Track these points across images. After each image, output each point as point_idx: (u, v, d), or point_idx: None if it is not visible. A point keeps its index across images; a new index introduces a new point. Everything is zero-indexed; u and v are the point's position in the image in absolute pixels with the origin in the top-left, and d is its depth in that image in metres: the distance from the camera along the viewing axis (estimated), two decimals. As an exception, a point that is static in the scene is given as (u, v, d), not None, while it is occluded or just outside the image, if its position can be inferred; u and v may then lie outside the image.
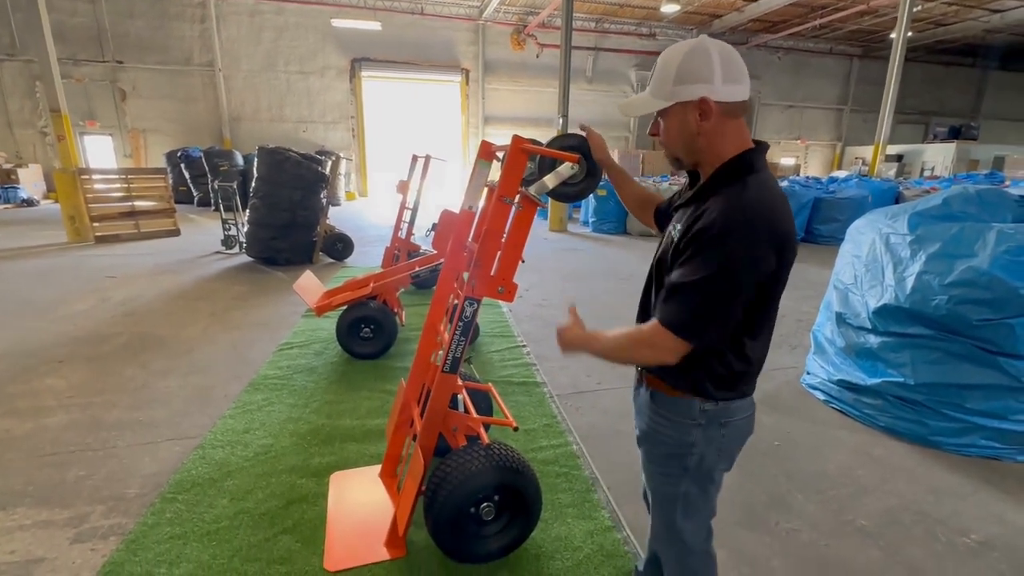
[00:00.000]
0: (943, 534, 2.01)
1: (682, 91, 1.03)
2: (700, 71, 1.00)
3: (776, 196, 1.02)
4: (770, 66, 18.39)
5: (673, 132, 1.09)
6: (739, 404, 1.15)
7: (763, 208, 0.98)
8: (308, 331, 4.09)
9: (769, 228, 0.97)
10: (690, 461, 1.18)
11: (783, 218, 1.00)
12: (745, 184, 1.01)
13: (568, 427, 2.74)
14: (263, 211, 6.40)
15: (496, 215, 1.66)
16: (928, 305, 2.44)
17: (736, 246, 0.95)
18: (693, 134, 1.06)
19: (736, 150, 1.05)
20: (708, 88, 1.00)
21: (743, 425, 1.18)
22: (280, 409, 2.84)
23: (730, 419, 1.15)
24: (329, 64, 15.18)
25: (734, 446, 1.20)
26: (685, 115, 1.05)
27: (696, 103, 1.02)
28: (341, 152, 14.82)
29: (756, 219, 0.97)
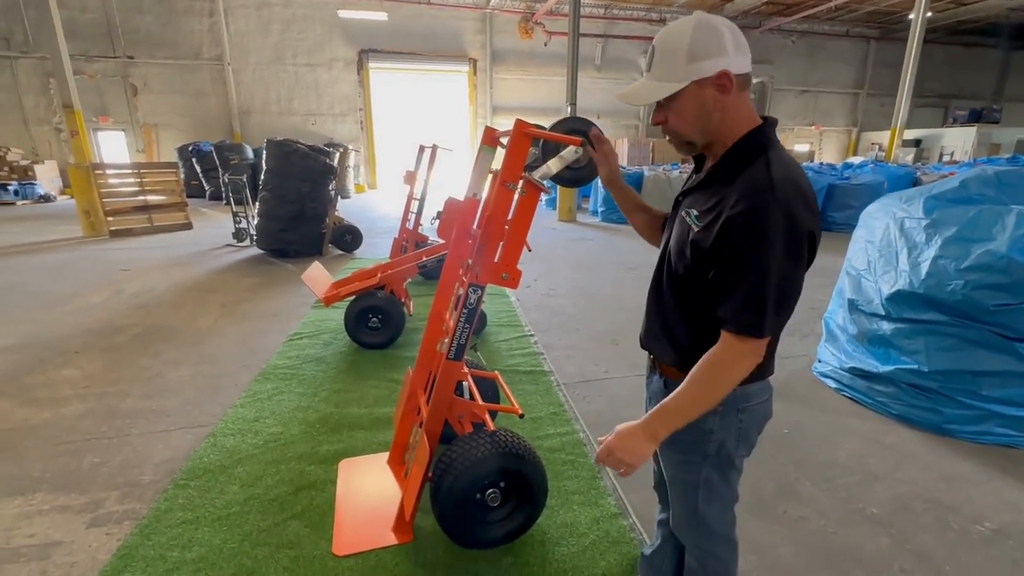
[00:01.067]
0: (955, 522, 1.98)
1: (698, 68, 0.96)
2: (714, 45, 0.95)
3: (798, 169, 0.99)
4: (784, 50, 18.02)
5: (688, 114, 1.02)
6: (756, 388, 1.11)
7: (794, 184, 0.94)
8: (317, 322, 4.13)
9: (805, 202, 0.94)
10: (709, 448, 1.14)
11: (811, 190, 0.98)
12: (768, 161, 0.96)
13: (575, 415, 2.73)
14: (272, 203, 6.44)
15: (499, 201, 1.65)
16: (943, 290, 2.39)
17: (784, 227, 0.91)
18: (709, 112, 1.00)
19: (749, 125, 1.01)
20: (726, 61, 0.95)
21: (761, 409, 1.14)
22: (289, 398, 2.87)
23: (747, 404, 1.10)
24: (336, 56, 15.17)
25: (752, 431, 1.16)
26: (701, 93, 0.98)
27: (713, 78, 0.96)
28: (350, 144, 14.86)
29: (793, 196, 0.93)
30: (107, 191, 8.16)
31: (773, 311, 0.94)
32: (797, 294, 0.97)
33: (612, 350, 3.65)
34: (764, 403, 1.15)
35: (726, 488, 1.20)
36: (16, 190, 12.11)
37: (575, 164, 1.65)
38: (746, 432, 1.14)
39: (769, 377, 1.13)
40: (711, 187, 1.03)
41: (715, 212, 0.98)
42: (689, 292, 1.08)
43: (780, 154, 0.99)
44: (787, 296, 0.95)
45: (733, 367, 0.99)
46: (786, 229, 0.91)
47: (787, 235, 0.91)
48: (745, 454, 1.18)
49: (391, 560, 1.74)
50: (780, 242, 0.91)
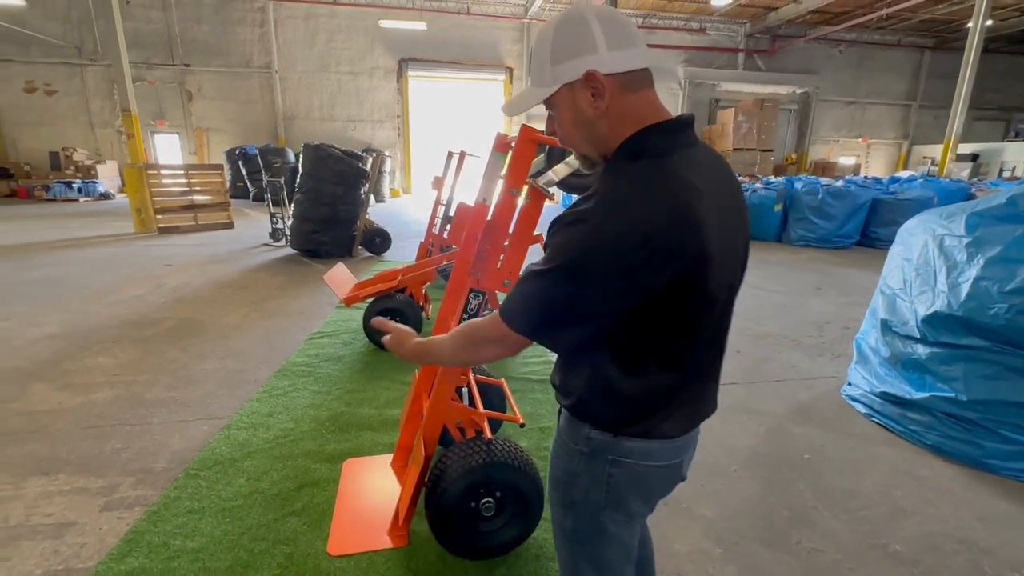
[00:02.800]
0: (990, 566, 1.82)
1: (563, 71, 0.84)
2: (578, 42, 0.82)
3: (669, 190, 0.77)
4: (830, 60, 17.40)
5: (567, 123, 0.89)
6: (641, 446, 0.91)
7: (622, 203, 0.77)
8: (339, 322, 4.21)
9: (627, 225, 0.75)
10: (575, 493, 0.98)
11: (655, 218, 0.75)
12: (632, 170, 0.81)
13: (584, 427, 2.67)
14: (307, 205, 6.65)
15: (503, 207, 1.64)
16: (985, 314, 2.22)
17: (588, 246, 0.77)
18: (591, 120, 0.85)
19: (633, 131, 0.84)
20: (593, 59, 0.81)
21: (643, 473, 0.94)
22: (304, 395, 2.93)
23: (623, 459, 0.92)
24: (377, 65, 15.61)
25: (628, 495, 0.96)
26: (575, 99, 0.85)
27: (582, 81, 0.82)
28: (386, 150, 15.22)
29: (611, 214, 0.77)
30: (158, 190, 8.62)
31: (522, 307, 0.85)
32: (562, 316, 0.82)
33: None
34: (653, 469, 0.94)
35: (598, 554, 1.01)
36: (80, 187, 12.96)
37: (581, 171, 1.63)
38: (616, 491, 0.95)
39: (660, 443, 0.92)
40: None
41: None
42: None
43: (653, 167, 0.80)
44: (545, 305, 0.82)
45: (478, 337, 0.92)
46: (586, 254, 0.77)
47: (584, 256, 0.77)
48: (622, 521, 0.98)
49: (383, 564, 1.73)
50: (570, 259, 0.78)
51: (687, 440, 0.96)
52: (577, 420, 0.96)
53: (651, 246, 0.75)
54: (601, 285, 0.78)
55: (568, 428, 0.98)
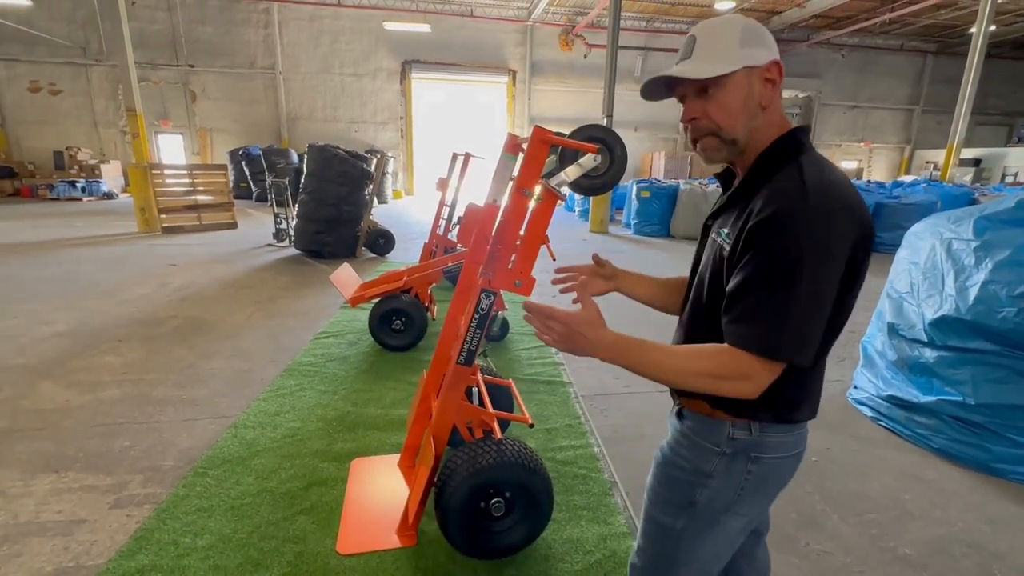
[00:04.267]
0: (1000, 570, 1.82)
1: (751, 54, 0.87)
2: (763, 37, 0.88)
3: (840, 175, 0.86)
4: (833, 64, 17.43)
5: (735, 105, 0.89)
6: (779, 436, 0.92)
7: (833, 189, 0.81)
8: (344, 322, 4.22)
9: (848, 210, 0.81)
10: (699, 495, 0.96)
11: (857, 197, 0.83)
12: (801, 166, 0.85)
13: (591, 428, 2.68)
14: (311, 206, 6.67)
15: (514, 207, 1.65)
16: (994, 318, 2.22)
17: (818, 236, 0.78)
18: (758, 107, 0.89)
19: (780, 131, 0.92)
20: (771, 54, 0.88)
21: (781, 466, 0.95)
22: (310, 395, 2.93)
23: (763, 455, 0.92)
24: (381, 66, 15.66)
25: (762, 491, 0.96)
26: (751, 84, 0.88)
27: (763, 69, 0.88)
28: (389, 151, 15.26)
29: (831, 203, 0.80)
30: (161, 190, 8.64)
31: (795, 331, 0.79)
32: (818, 321, 0.81)
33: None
34: (787, 460, 0.95)
35: (706, 552, 1.00)
36: (83, 187, 13.00)
37: (592, 172, 1.63)
38: (753, 489, 0.95)
39: (795, 432, 0.94)
40: (740, 201, 0.92)
41: (742, 223, 0.86)
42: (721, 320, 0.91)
43: (816, 159, 0.87)
44: (812, 317, 0.80)
45: (720, 378, 0.83)
46: (820, 239, 0.78)
47: (821, 247, 0.78)
48: (745, 518, 0.98)
49: (392, 563, 1.73)
50: (810, 252, 0.78)
51: (807, 430, 0.98)
52: (719, 419, 0.94)
53: (858, 225, 0.81)
54: (838, 270, 0.81)
55: (701, 429, 0.97)
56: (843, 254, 0.80)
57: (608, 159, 1.63)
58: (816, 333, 0.82)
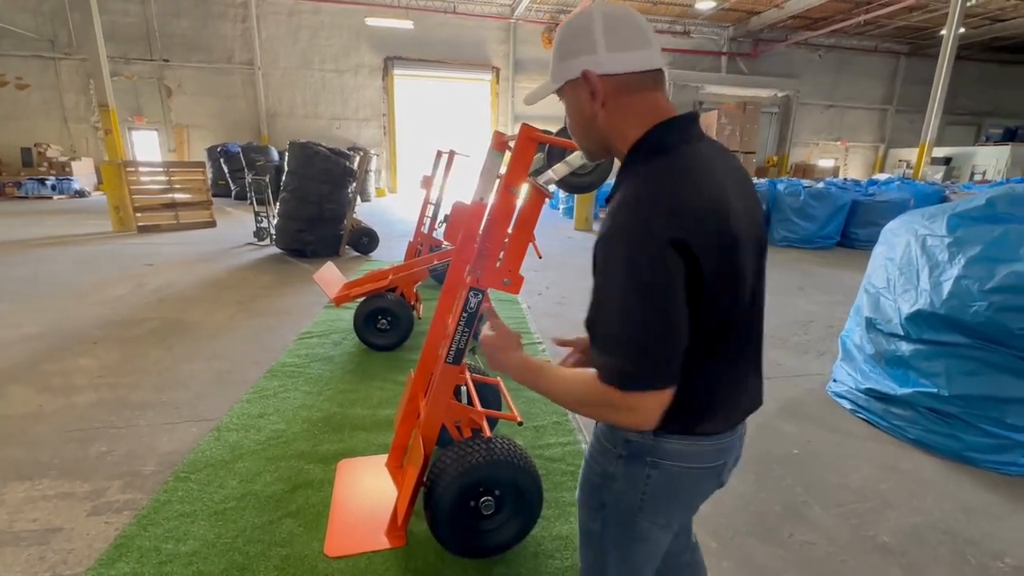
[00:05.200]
0: (973, 556, 1.88)
1: (565, 68, 0.87)
2: (581, 42, 0.84)
3: (691, 173, 0.79)
4: (810, 64, 17.76)
5: (571, 118, 0.93)
6: (679, 445, 0.88)
7: (642, 201, 0.77)
8: (328, 321, 4.16)
9: (653, 219, 0.75)
10: (607, 496, 0.96)
11: (676, 203, 0.76)
12: (649, 168, 0.81)
13: (578, 425, 2.69)
14: (292, 204, 6.56)
15: (502, 205, 1.64)
16: (966, 312, 2.29)
17: (632, 250, 0.74)
18: (590, 116, 0.88)
19: (642, 129, 0.85)
20: (590, 60, 0.84)
21: (684, 477, 0.91)
22: (295, 396, 2.89)
23: (661, 460, 0.89)
24: (363, 62, 15.46)
25: (666, 498, 0.93)
26: (577, 96, 0.88)
27: (581, 80, 0.85)
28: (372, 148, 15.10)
29: (635, 214, 0.76)
30: (137, 188, 8.41)
31: (641, 356, 0.76)
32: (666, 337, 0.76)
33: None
34: (694, 471, 0.91)
35: (628, 556, 0.99)
36: (54, 185, 12.57)
37: (580, 170, 1.64)
38: (655, 495, 0.92)
39: (701, 442, 0.89)
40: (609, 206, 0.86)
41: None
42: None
43: (674, 159, 0.81)
44: (655, 336, 0.75)
45: (605, 406, 0.81)
46: (636, 257, 0.74)
47: (641, 265, 0.74)
48: (660, 524, 0.96)
49: (382, 564, 1.72)
50: (632, 273, 0.74)
51: (731, 440, 0.93)
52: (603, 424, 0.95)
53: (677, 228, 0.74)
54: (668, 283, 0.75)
55: (605, 430, 0.96)
56: (666, 264, 0.74)
57: (595, 157, 1.64)
58: (668, 350, 0.77)
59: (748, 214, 0.85)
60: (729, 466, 0.97)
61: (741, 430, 0.96)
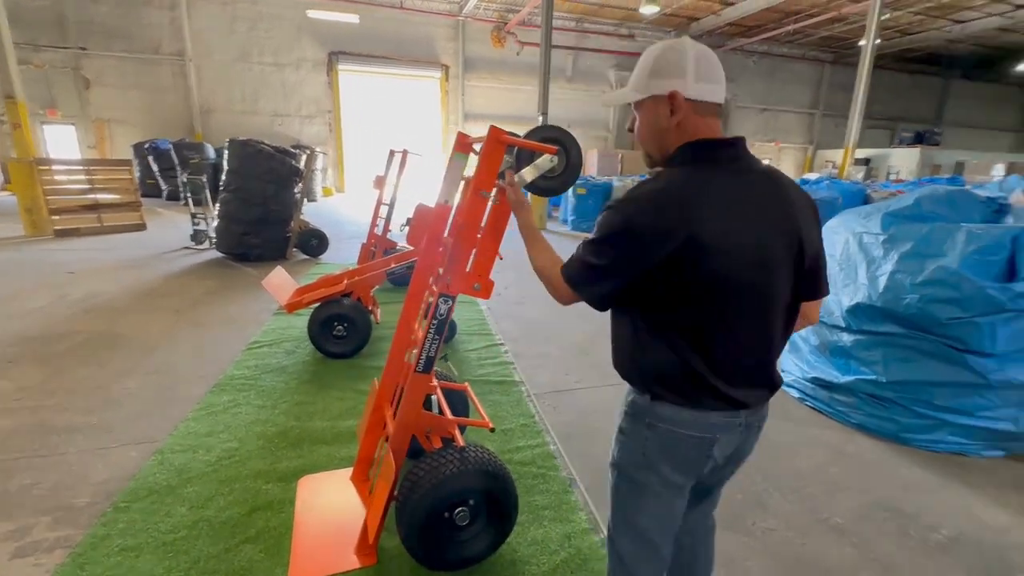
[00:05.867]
0: (914, 530, 2.03)
1: (655, 84, 1.04)
2: (674, 67, 1.02)
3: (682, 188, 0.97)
4: (746, 70, 18.72)
5: (645, 126, 1.10)
6: (668, 411, 1.04)
7: (640, 193, 0.99)
8: (279, 329, 3.96)
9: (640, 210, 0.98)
10: (620, 451, 1.17)
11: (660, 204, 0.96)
12: (662, 176, 1.02)
13: (545, 426, 2.69)
14: (234, 205, 6.20)
15: (472, 209, 1.60)
16: (900, 304, 2.47)
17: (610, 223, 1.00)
18: (663, 129, 1.06)
19: (679, 144, 1.05)
20: (680, 83, 1.01)
21: (677, 441, 1.06)
22: (247, 411, 2.72)
23: (656, 423, 1.06)
24: (305, 57, 14.84)
25: (661, 456, 1.08)
26: (657, 109, 1.05)
27: (666, 97, 1.02)
28: (318, 147, 14.53)
29: (632, 200, 0.99)
30: (52, 188, 7.67)
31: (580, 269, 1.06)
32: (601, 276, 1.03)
33: (582, 360, 3.64)
34: (686, 436, 1.05)
35: (634, 518, 1.16)
36: (-51, 185, 11.25)
37: (549, 173, 1.63)
38: (652, 453, 1.08)
39: (692, 412, 1.03)
40: None
41: None
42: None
43: (673, 173, 1.02)
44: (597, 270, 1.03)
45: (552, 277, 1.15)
46: (614, 222, 1.00)
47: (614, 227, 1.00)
48: (658, 483, 1.10)
49: (353, 585, 1.64)
50: (606, 228, 1.01)
51: (723, 419, 1.05)
52: (630, 387, 1.14)
53: (652, 228, 0.96)
54: (623, 251, 0.99)
55: (625, 395, 1.16)
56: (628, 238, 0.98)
57: (564, 160, 1.63)
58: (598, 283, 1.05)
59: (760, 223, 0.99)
60: (722, 445, 1.08)
61: (741, 418, 1.07)
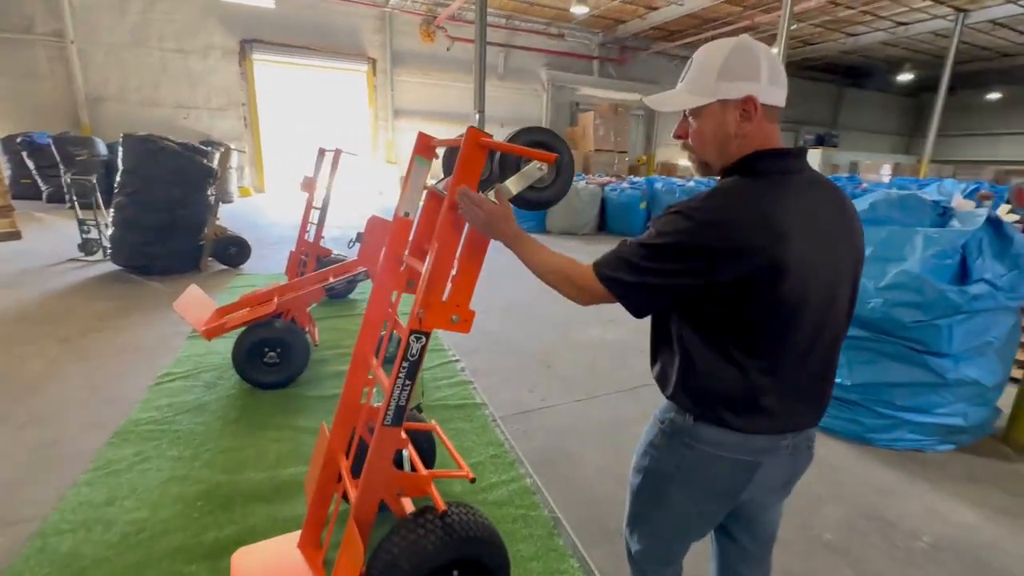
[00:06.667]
0: (899, 540, 2.02)
1: (726, 88, 0.94)
2: (747, 68, 0.93)
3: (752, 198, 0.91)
4: (669, 73, 19.50)
5: (707, 133, 0.99)
6: (711, 432, 1.00)
7: (700, 202, 0.92)
8: (196, 357, 3.41)
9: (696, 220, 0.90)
10: (650, 461, 1.13)
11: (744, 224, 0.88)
12: (732, 185, 0.95)
13: (517, 455, 2.46)
14: (133, 211, 5.38)
15: (447, 227, 1.33)
16: (865, 308, 2.50)
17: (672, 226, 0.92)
18: (729, 136, 0.97)
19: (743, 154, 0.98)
20: (755, 87, 0.93)
21: (714, 463, 1.02)
22: (159, 465, 2.25)
23: (696, 443, 1.02)
24: (213, 43, 13.49)
25: (698, 477, 1.05)
26: (724, 115, 0.96)
27: (739, 102, 0.94)
28: (232, 143, 13.28)
29: (688, 208, 0.92)
30: None
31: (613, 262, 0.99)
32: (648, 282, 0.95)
33: (545, 373, 3.44)
34: (724, 460, 1.01)
35: (653, 520, 1.18)
36: None
37: (538, 183, 1.39)
38: (688, 472, 1.05)
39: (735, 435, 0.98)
40: None
41: None
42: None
43: (734, 183, 0.95)
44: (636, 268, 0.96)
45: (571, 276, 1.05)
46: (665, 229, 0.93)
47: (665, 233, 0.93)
48: (688, 502, 1.09)
49: None
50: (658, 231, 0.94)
51: (768, 442, 1.00)
52: (667, 403, 1.08)
53: (728, 242, 0.88)
54: (685, 262, 0.91)
55: (659, 409, 1.12)
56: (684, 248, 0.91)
57: (555, 168, 1.40)
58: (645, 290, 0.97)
59: (822, 249, 0.94)
60: (768, 470, 1.02)
61: (788, 441, 1.02)
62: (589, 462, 2.42)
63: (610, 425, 2.78)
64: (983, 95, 20.38)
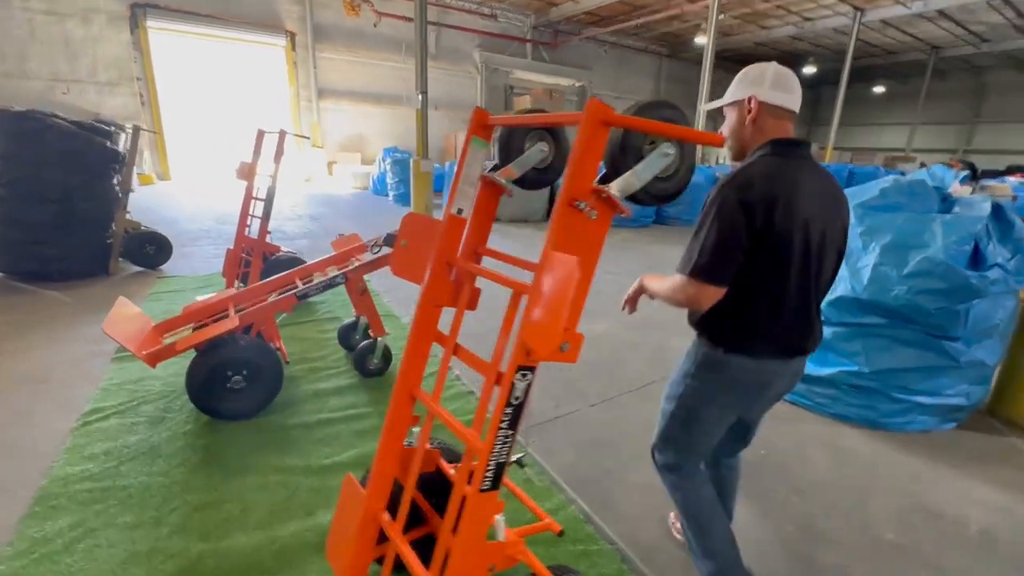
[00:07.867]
0: (951, 531, 2.01)
1: (738, 91, 1.36)
2: (756, 78, 1.34)
3: (769, 169, 1.27)
4: (600, 58, 19.72)
5: (728, 125, 1.41)
6: (738, 359, 1.35)
7: (735, 176, 1.27)
8: (128, 385, 2.77)
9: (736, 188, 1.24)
10: (683, 389, 1.46)
11: (753, 183, 1.24)
12: (755, 160, 1.31)
13: (552, 478, 2.19)
14: (14, 204, 4.39)
15: (569, 229, 1.02)
16: (887, 295, 2.48)
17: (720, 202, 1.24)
18: (741, 126, 1.37)
19: (762, 140, 1.34)
20: (756, 90, 1.32)
21: (741, 380, 1.38)
22: (111, 539, 1.73)
23: (728, 370, 1.37)
24: (96, 6, 11.57)
25: (722, 396, 1.41)
26: (739, 111, 1.37)
27: (744, 101, 1.35)
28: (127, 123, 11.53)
29: (729, 183, 1.26)
30: None
31: (700, 258, 1.26)
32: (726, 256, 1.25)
33: (550, 374, 3.18)
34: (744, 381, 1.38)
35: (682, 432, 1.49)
36: None
37: (663, 173, 1.11)
38: (717, 395, 1.42)
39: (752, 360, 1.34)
40: None
41: None
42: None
43: (758, 161, 1.30)
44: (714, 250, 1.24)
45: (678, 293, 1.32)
46: (721, 204, 1.24)
47: (718, 208, 1.24)
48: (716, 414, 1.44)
49: None
50: (714, 212, 1.25)
51: (780, 366, 1.39)
52: (699, 341, 1.43)
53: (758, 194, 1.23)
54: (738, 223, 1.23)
55: (693, 346, 1.45)
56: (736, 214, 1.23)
57: (679, 152, 1.13)
58: (719, 262, 1.25)
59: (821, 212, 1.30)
60: (776, 387, 1.43)
61: (796, 365, 1.42)
62: (631, 479, 2.21)
63: (635, 431, 2.59)
64: (871, 88, 22.59)
